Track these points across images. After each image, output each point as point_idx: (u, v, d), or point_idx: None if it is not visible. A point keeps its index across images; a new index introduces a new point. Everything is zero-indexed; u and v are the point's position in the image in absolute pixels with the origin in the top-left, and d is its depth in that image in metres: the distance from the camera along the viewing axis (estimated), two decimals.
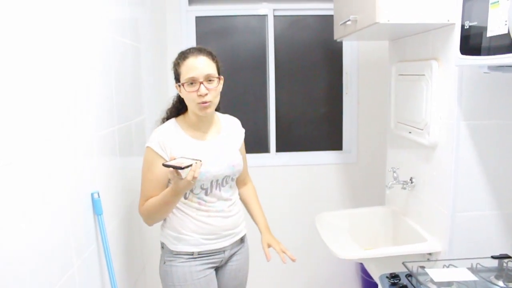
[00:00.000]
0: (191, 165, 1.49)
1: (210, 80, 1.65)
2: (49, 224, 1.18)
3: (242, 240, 1.88)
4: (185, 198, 1.71)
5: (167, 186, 1.67)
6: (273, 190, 3.11)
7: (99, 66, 1.63)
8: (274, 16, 3.05)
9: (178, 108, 1.79)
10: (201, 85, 1.63)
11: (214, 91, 1.66)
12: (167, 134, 1.69)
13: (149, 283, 2.22)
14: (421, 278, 1.55)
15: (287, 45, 3.11)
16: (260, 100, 3.17)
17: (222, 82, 1.72)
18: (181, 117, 1.77)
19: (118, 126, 1.82)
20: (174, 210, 1.72)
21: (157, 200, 1.65)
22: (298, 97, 3.18)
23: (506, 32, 1.22)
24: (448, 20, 1.68)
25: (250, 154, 3.12)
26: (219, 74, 1.71)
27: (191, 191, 1.70)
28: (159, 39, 2.76)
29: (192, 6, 3.00)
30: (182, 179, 1.51)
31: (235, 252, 1.85)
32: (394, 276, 1.60)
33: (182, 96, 1.71)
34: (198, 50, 1.69)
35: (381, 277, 1.65)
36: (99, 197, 1.53)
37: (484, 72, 1.50)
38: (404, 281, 1.58)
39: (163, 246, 1.79)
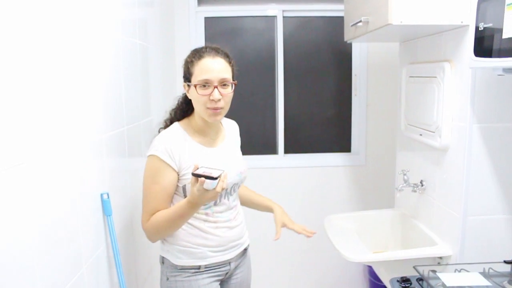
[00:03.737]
0: (220, 176, 1.37)
1: (224, 85, 1.54)
2: (59, 224, 1.18)
3: (245, 250, 1.79)
4: None
5: (172, 198, 1.58)
6: (281, 191, 3.09)
7: (109, 67, 1.63)
8: (283, 17, 3.04)
9: (184, 110, 1.66)
10: (215, 89, 1.51)
11: (227, 97, 1.55)
12: (174, 141, 1.55)
13: (156, 284, 2.21)
14: (432, 283, 1.53)
15: (296, 47, 3.10)
16: (268, 101, 3.16)
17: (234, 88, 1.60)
18: (185, 121, 1.64)
19: (127, 127, 1.82)
20: None
21: (168, 213, 1.51)
22: (306, 99, 3.16)
23: None
24: (462, 22, 1.66)
25: (258, 156, 3.15)
26: (233, 79, 1.60)
27: None
28: (167, 40, 2.76)
29: (201, 6, 2.99)
30: (206, 189, 1.37)
31: (238, 264, 1.75)
32: (405, 280, 1.59)
33: (190, 97, 1.59)
34: (215, 50, 1.56)
35: (391, 281, 1.63)
36: (108, 198, 1.52)
37: (498, 75, 1.48)
38: (415, 285, 1.56)
39: (163, 261, 1.66)
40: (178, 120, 1.65)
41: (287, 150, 3.18)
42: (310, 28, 3.10)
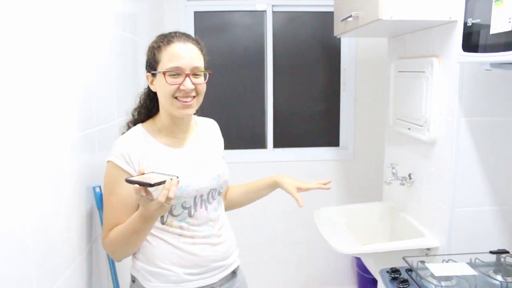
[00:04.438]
0: (163, 182, 1.14)
1: (196, 74, 1.34)
2: (53, 216, 1.18)
3: (234, 273, 1.51)
4: (163, 223, 1.36)
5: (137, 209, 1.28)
6: None
7: (101, 60, 1.62)
8: (273, 12, 3.05)
9: (149, 108, 1.45)
10: (187, 78, 1.31)
11: (200, 88, 1.35)
12: (132, 144, 1.34)
13: None
14: (421, 273, 1.56)
15: (285, 41, 3.12)
16: (257, 95, 3.17)
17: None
18: (149, 122, 1.43)
19: (118, 120, 1.82)
20: (149, 238, 1.36)
21: (123, 228, 1.28)
22: (295, 93, 3.19)
23: (510, 29, 1.24)
24: (450, 18, 1.69)
25: (247, 150, 3.17)
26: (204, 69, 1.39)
27: (170, 213, 1.35)
28: (157, 34, 2.74)
29: (190, 1, 2.99)
30: (152, 200, 1.16)
31: None
32: (394, 270, 1.62)
33: (155, 90, 1.37)
34: (185, 35, 1.37)
35: (381, 272, 1.66)
36: (101, 191, 1.52)
37: (486, 69, 1.52)
38: (404, 275, 1.60)
39: (134, 280, 1.42)
40: (143, 121, 1.44)
41: (276, 144, 3.20)
42: (299, 23, 3.12)
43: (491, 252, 1.69)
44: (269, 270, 3.20)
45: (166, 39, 1.35)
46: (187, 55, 1.32)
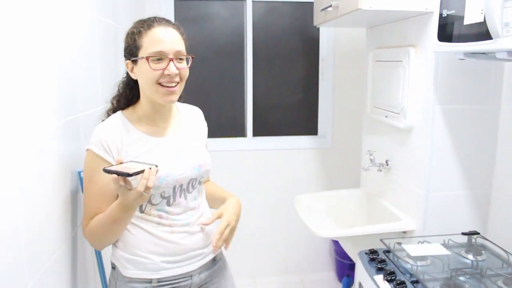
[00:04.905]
0: (142, 171, 1.15)
1: (180, 59, 1.32)
2: (40, 200, 1.19)
3: (214, 260, 1.51)
4: (141, 211, 1.36)
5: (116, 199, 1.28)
6: (249, 174, 3.17)
7: (84, 47, 1.62)
8: (253, 1, 3.07)
9: (128, 98, 1.42)
10: (171, 62, 1.29)
11: (184, 72, 1.34)
12: (111, 131, 1.32)
13: None
14: (398, 253, 1.64)
15: (265, 31, 3.14)
16: (237, 85, 3.20)
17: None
18: (129, 110, 1.41)
19: (102, 107, 1.82)
20: (128, 226, 1.35)
21: (103, 217, 1.29)
22: (275, 83, 3.22)
23: (482, 20, 1.30)
24: (427, 9, 1.75)
25: (227, 138, 3.20)
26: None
27: (149, 201, 1.35)
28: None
29: None
30: (130, 189, 1.17)
31: (208, 277, 1.48)
32: (372, 251, 1.69)
33: (136, 77, 1.35)
34: (165, 20, 1.35)
35: (360, 253, 1.73)
36: None
37: (460, 59, 1.58)
38: (382, 256, 1.67)
39: (114, 267, 1.42)
40: (122, 109, 1.42)
41: (255, 133, 3.23)
42: (279, 13, 3.15)
43: (463, 234, 1.78)
44: (248, 257, 3.25)
45: (146, 23, 1.31)
46: (169, 39, 1.30)
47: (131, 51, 1.33)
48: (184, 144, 1.44)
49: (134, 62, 1.33)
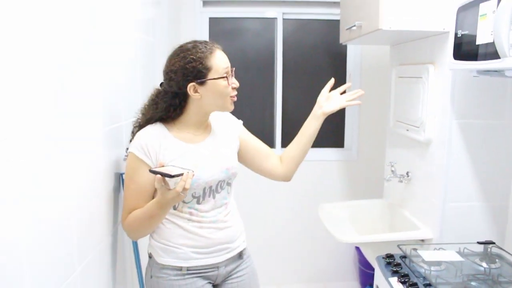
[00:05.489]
0: (181, 174, 1.31)
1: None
2: (90, 196, 1.37)
3: (240, 255, 1.67)
4: (175, 208, 1.52)
5: (153, 197, 1.48)
6: (277, 184, 3.24)
7: (128, 62, 1.81)
8: (283, 19, 3.23)
9: (168, 115, 1.53)
10: (233, 77, 1.55)
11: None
12: (151, 137, 1.48)
13: None
14: (413, 258, 1.73)
15: (295, 47, 3.29)
16: (267, 98, 3.35)
17: None
18: (168, 120, 1.55)
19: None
20: (163, 221, 1.53)
21: (141, 212, 1.46)
22: (303, 96, 3.35)
23: (491, 41, 1.40)
24: (444, 29, 1.86)
25: None
26: None
27: (182, 200, 1.50)
28: (173, 38, 2.93)
29: (206, 7, 3.17)
30: (170, 189, 1.33)
31: (234, 270, 1.64)
32: (389, 256, 1.78)
33: (199, 97, 1.48)
34: (212, 42, 1.53)
35: (377, 258, 1.82)
36: None
37: (474, 76, 1.68)
38: (398, 260, 1.76)
39: (150, 256, 1.60)
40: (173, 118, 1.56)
41: (284, 144, 3.36)
42: (308, 30, 3.30)
43: (479, 243, 1.85)
44: (273, 264, 3.36)
45: (206, 48, 1.47)
46: (227, 59, 1.53)
47: (199, 74, 1.46)
48: (214, 149, 1.58)
49: (201, 83, 1.46)
